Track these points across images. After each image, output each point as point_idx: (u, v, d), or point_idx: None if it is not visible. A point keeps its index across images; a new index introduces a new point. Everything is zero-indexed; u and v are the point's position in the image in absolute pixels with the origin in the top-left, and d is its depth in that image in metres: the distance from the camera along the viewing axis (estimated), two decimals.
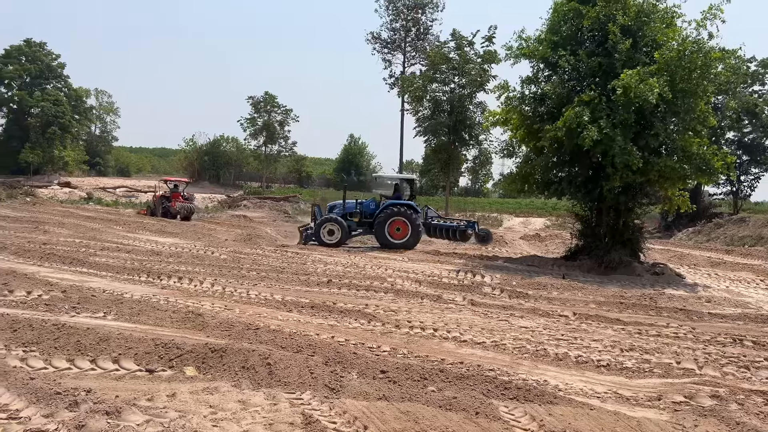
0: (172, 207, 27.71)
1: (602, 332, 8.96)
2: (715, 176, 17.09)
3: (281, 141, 55.57)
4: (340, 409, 5.06)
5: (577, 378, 6.67)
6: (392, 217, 19.62)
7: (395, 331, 8.46)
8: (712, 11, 15.26)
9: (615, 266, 15.91)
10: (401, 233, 19.66)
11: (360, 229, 20.38)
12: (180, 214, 27.34)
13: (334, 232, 19.59)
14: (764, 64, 36.27)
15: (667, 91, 14.78)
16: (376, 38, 39.29)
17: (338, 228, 19.61)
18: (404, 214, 19.71)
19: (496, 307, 10.64)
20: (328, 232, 19.61)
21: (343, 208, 20.51)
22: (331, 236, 19.54)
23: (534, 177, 18.19)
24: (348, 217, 20.23)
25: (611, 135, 14.90)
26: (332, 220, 19.80)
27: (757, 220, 31.45)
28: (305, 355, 6.55)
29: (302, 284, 11.90)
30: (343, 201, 20.64)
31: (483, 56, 29.13)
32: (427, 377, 6.13)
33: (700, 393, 6.19)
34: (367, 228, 20.28)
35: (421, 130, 31.62)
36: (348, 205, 20.75)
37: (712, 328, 9.52)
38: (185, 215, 27.52)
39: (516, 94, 17.86)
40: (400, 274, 13.92)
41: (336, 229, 19.63)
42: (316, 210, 21.00)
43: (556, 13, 17.33)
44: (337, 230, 19.59)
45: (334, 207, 21.10)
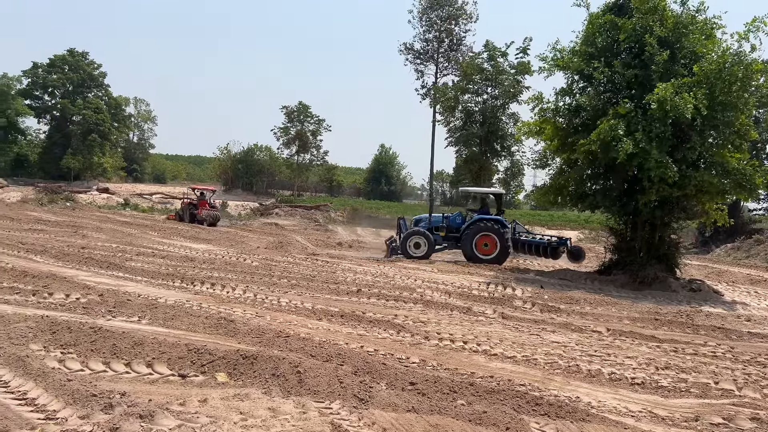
0: (199, 214, 28.84)
1: (637, 349, 8.76)
2: (756, 192, 16.62)
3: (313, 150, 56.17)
4: (368, 420, 5.05)
5: (610, 396, 6.53)
6: (480, 232, 19.27)
7: (424, 343, 8.42)
8: (755, 23, 14.92)
9: (650, 282, 15.57)
10: (489, 249, 19.26)
11: (446, 243, 20.11)
12: (206, 221, 28.44)
13: (420, 246, 19.49)
14: None
15: (704, 105, 14.45)
16: (408, 49, 39.36)
17: (424, 241, 19.53)
18: (492, 229, 19.31)
19: (528, 320, 10.51)
20: (414, 245, 19.50)
21: (429, 222, 20.38)
22: (417, 249, 19.44)
23: (567, 189, 17.95)
24: (434, 230, 20.04)
25: (647, 148, 14.63)
26: (419, 233, 19.66)
27: None
28: (334, 364, 6.57)
29: (332, 293, 11.95)
30: (430, 214, 20.55)
31: (517, 67, 28.96)
32: (456, 390, 6.08)
33: (740, 415, 6.00)
34: (453, 242, 19.97)
35: (452, 141, 31.55)
36: (434, 219, 20.59)
37: (752, 347, 9.23)
38: (211, 222, 28.70)
39: (550, 105, 17.71)
40: (430, 285, 13.87)
41: (422, 242, 19.53)
42: (401, 223, 20.98)
43: (591, 25, 17.15)
44: (423, 243, 19.49)
45: (420, 220, 20.98)
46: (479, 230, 19.24)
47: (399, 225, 21.10)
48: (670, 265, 16.52)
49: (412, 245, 19.51)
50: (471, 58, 33.10)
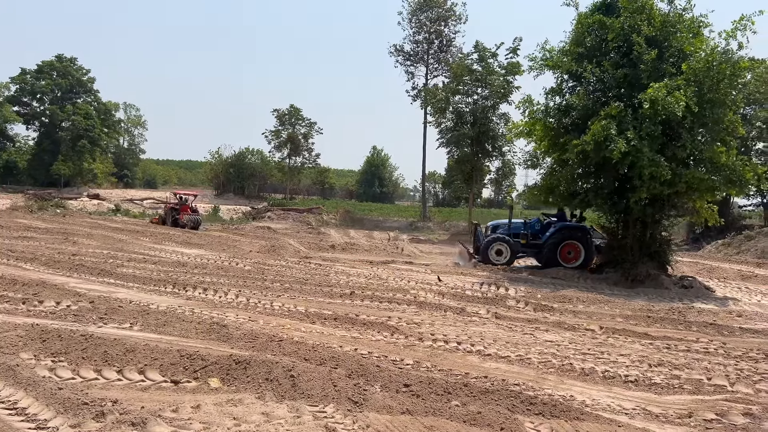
0: (180, 219, 29.57)
1: (630, 347, 8.79)
2: (746, 188, 16.73)
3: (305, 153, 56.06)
4: (363, 423, 5.04)
5: (604, 394, 6.54)
6: (565, 240, 18.73)
7: (418, 344, 8.41)
8: (743, 22, 15.04)
9: (642, 279, 15.63)
10: (573, 257, 18.73)
11: (526, 251, 19.34)
12: (187, 225, 29.12)
13: (503, 252, 19.07)
14: None
15: (694, 103, 14.57)
16: (399, 51, 39.43)
17: (507, 248, 19.13)
18: (577, 236, 18.85)
19: (521, 320, 10.52)
20: (497, 252, 19.09)
21: (509, 228, 19.81)
22: (499, 256, 19.04)
23: (559, 188, 18.01)
24: (513, 237, 19.52)
25: (639, 147, 14.71)
26: (501, 240, 19.22)
27: None
28: (328, 367, 6.54)
29: (325, 296, 11.92)
30: (509, 221, 20.00)
31: (506, 68, 29.05)
32: (451, 391, 6.07)
33: (732, 410, 6.03)
34: (534, 250, 19.17)
35: (444, 142, 31.64)
36: (514, 226, 19.94)
37: (744, 343, 9.28)
38: (192, 226, 29.34)
39: (540, 106, 17.76)
40: (423, 286, 13.86)
41: (504, 249, 19.12)
42: (477, 229, 20.71)
43: (580, 25, 17.23)
44: (506, 251, 19.10)
45: (498, 227, 20.54)
46: (564, 238, 18.78)
47: (475, 231, 20.85)
48: (661, 263, 16.59)
49: (494, 252, 19.10)
50: (461, 59, 33.23)
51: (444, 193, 68.39)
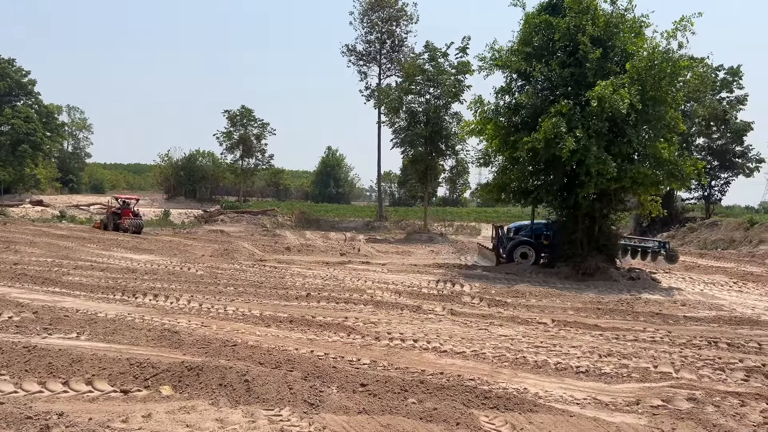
0: (122, 223, 29.04)
1: (581, 338, 9.02)
2: (687, 182, 17.45)
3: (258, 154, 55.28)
4: (319, 425, 5.00)
5: (556, 385, 6.69)
6: None
7: (375, 344, 8.41)
8: (683, 23, 15.64)
9: (592, 272, 16.08)
10: None
11: (548, 252, 19.12)
12: (129, 229, 28.55)
13: (528, 255, 18.91)
14: (732, 72, 37.16)
15: (638, 100, 15.09)
16: (351, 50, 39.38)
17: (532, 251, 18.94)
18: None
19: (476, 316, 10.66)
20: (522, 255, 18.94)
21: (531, 230, 19.62)
22: (524, 259, 18.87)
23: (510, 186, 18.39)
24: (536, 239, 19.30)
25: (587, 144, 15.14)
26: (526, 243, 19.09)
27: (729, 224, 32.13)
28: (284, 370, 6.47)
29: (281, 299, 11.79)
30: (532, 222, 19.84)
31: (457, 67, 29.39)
32: (407, 389, 6.10)
33: (677, 396, 6.25)
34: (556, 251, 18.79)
35: (398, 142, 31.77)
36: (536, 226, 19.84)
37: (687, 331, 9.65)
38: (134, 230, 28.83)
39: (490, 105, 18.07)
40: (380, 285, 13.88)
41: (530, 252, 18.94)
42: (499, 231, 20.57)
43: (527, 25, 17.59)
44: (531, 253, 18.93)
45: (521, 229, 20.50)
46: None
47: (498, 233, 20.74)
48: (610, 256, 17.10)
49: (519, 255, 19.04)
50: (412, 59, 33.40)
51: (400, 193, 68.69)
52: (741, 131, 37.00)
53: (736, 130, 36.84)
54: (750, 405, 6.06)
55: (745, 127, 36.97)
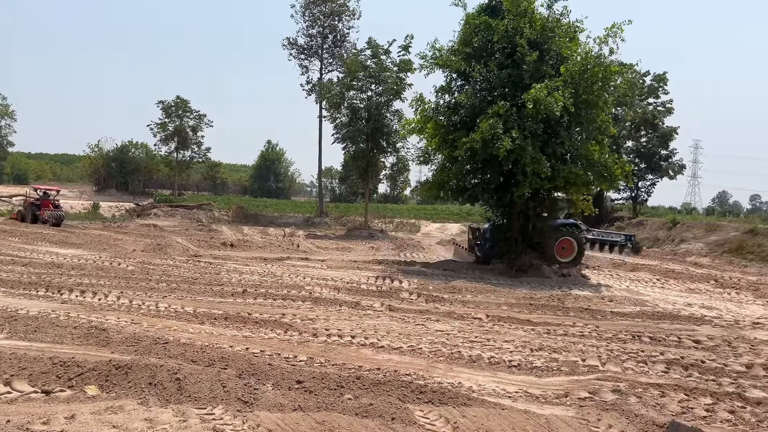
0: (41, 215, 27.81)
1: (513, 333, 9.27)
2: (616, 182, 18.23)
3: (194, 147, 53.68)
4: (253, 423, 4.92)
5: (489, 379, 6.85)
6: (561, 236, 19.06)
7: (312, 340, 8.36)
8: (614, 29, 16.24)
9: (525, 269, 16.56)
10: (567, 252, 19.16)
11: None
12: (49, 221, 27.30)
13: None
14: (659, 78, 39.03)
15: (571, 103, 15.62)
16: (292, 44, 38.86)
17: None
18: (571, 233, 19.40)
19: (414, 311, 10.77)
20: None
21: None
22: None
23: (449, 184, 18.66)
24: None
25: (523, 145, 15.55)
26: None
27: (654, 223, 33.80)
28: (217, 368, 6.33)
29: (216, 295, 11.53)
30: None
31: (399, 65, 29.52)
32: (344, 385, 6.09)
33: (603, 388, 6.52)
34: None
35: (339, 137, 31.59)
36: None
37: (614, 326, 10.08)
38: (54, 222, 27.57)
39: (431, 104, 18.27)
40: (319, 282, 13.81)
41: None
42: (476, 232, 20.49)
43: (467, 26, 17.86)
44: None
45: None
46: (560, 235, 19.11)
47: (473, 233, 20.72)
48: (542, 253, 17.63)
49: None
50: (354, 55, 33.32)
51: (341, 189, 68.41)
52: (667, 136, 38.96)
53: (662, 134, 38.77)
54: (669, 395, 6.40)
55: (671, 131, 38.96)
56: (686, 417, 5.80)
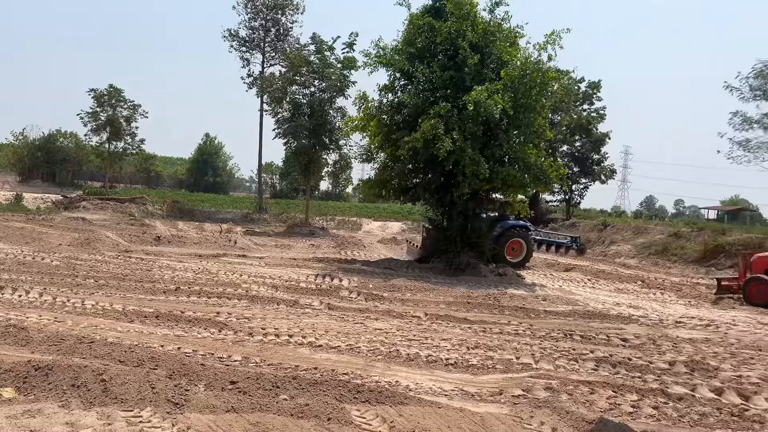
0: None
1: (451, 331, 9.37)
2: (551, 185, 18.79)
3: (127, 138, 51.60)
4: (183, 425, 4.74)
5: (426, 377, 6.88)
6: (512, 237, 19.79)
7: (248, 339, 8.17)
8: (552, 37, 16.69)
9: (463, 268, 16.81)
10: (517, 252, 19.89)
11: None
12: None
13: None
14: (593, 85, 40.55)
15: (510, 107, 15.97)
16: (233, 36, 37.96)
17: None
18: (521, 234, 20.07)
19: (353, 310, 10.72)
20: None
21: None
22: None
23: (391, 183, 18.73)
24: None
25: (463, 146, 15.78)
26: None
27: (586, 225, 35.12)
28: (146, 368, 6.08)
29: (147, 292, 11.10)
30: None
31: (343, 62, 29.33)
32: (279, 385, 5.97)
33: (536, 386, 6.67)
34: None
35: (280, 132, 31.05)
36: None
37: (547, 324, 10.36)
38: None
39: (374, 102, 18.27)
40: (256, 279, 13.54)
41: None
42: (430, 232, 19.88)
43: (411, 26, 17.94)
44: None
45: None
46: (511, 236, 19.82)
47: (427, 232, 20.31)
48: (481, 252, 17.95)
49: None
50: (298, 50, 32.90)
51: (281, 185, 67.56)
52: (600, 141, 40.58)
53: (595, 139, 40.34)
54: (598, 392, 6.61)
55: (603, 137, 40.61)
56: (614, 413, 6.00)
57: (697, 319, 11.84)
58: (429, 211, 19.52)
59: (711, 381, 7.34)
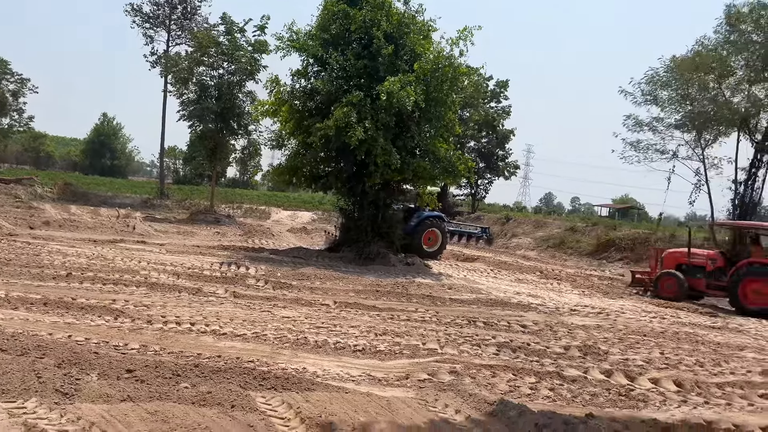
0: None
1: (359, 319, 9.39)
2: (459, 178, 19.33)
3: (14, 114, 47.57)
4: (73, 416, 4.41)
5: (334, 363, 6.85)
6: (428, 227, 20.05)
7: (147, 327, 7.77)
8: (464, 33, 17.02)
9: (373, 257, 16.93)
10: (432, 242, 20.13)
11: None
12: None
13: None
14: (501, 84, 42.06)
15: (422, 99, 16.20)
16: (136, 11, 35.88)
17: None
18: (436, 224, 20.29)
19: (260, 298, 10.48)
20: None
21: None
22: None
23: (303, 171, 18.48)
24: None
25: (375, 136, 15.83)
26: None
27: (490, 219, 36.45)
28: (32, 357, 5.63)
29: (34, 278, 10.28)
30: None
31: (254, 45, 28.51)
32: (180, 374, 5.72)
33: (441, 370, 6.83)
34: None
35: (185, 115, 29.72)
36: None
37: (452, 311, 10.64)
38: None
39: (286, 87, 17.92)
40: (156, 266, 12.91)
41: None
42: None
43: (326, 11, 17.72)
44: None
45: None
46: (427, 227, 20.07)
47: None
48: (390, 242, 18.15)
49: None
50: (206, 30, 31.65)
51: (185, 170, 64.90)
52: (505, 138, 42.22)
53: (501, 136, 41.93)
54: (499, 376, 6.87)
55: (508, 134, 42.30)
56: (513, 395, 6.25)
57: (589, 308, 12.61)
58: (340, 201, 19.46)
59: (601, 364, 7.84)
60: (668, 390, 6.95)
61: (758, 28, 20.43)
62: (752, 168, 21.24)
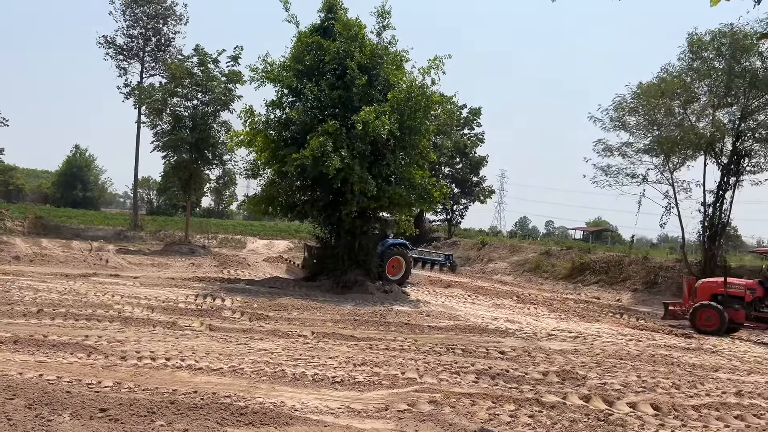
0: None
1: (338, 349, 9.33)
2: (434, 204, 19.50)
3: None
4: None
5: (313, 396, 6.78)
6: (392, 255, 20.25)
7: (121, 364, 7.61)
8: (436, 62, 17.36)
9: (351, 286, 16.88)
10: (397, 270, 20.27)
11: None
12: None
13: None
14: (473, 111, 42.79)
15: (396, 128, 16.40)
16: (110, 43, 35.79)
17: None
18: (401, 252, 20.55)
19: (236, 330, 10.35)
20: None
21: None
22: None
23: (278, 199, 18.46)
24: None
25: (351, 164, 15.94)
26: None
27: (466, 244, 36.68)
28: (2, 399, 5.47)
29: (3, 315, 10.04)
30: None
31: (228, 75, 28.63)
32: (155, 411, 5.61)
33: (421, 400, 6.80)
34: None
35: (159, 145, 29.57)
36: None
37: (430, 339, 10.63)
38: None
39: (261, 117, 17.99)
40: (130, 300, 12.70)
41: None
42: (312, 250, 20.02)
43: (300, 43, 17.93)
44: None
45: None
46: (392, 254, 20.34)
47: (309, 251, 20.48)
48: (367, 270, 18.13)
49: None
50: (180, 61, 31.68)
51: (159, 201, 64.17)
52: (478, 164, 42.79)
53: (474, 162, 42.49)
54: (479, 404, 6.86)
55: (482, 160, 42.90)
56: (493, 423, 6.25)
57: (566, 332, 12.71)
58: (317, 229, 19.43)
59: (580, 389, 7.89)
60: (646, 414, 7.02)
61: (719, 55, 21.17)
62: (719, 190, 21.76)
